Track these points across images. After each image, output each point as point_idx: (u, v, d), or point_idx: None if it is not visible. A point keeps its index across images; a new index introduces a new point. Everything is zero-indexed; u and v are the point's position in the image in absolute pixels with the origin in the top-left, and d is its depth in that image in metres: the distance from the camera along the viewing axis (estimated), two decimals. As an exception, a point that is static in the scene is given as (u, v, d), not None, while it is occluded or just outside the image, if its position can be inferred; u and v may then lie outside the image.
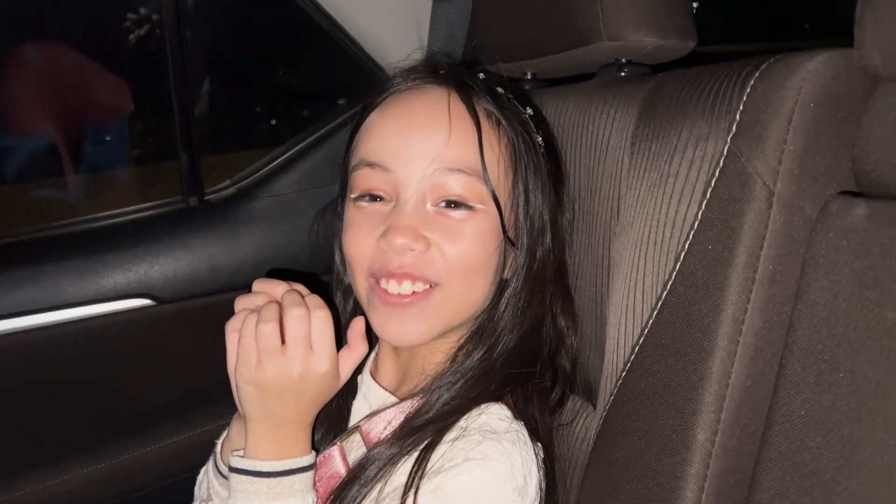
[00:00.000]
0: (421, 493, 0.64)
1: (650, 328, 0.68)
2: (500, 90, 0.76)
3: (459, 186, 0.70)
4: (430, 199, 0.70)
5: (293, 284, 0.72)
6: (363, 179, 0.73)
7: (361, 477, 0.68)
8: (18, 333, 1.12)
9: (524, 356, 0.75)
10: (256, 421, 0.69)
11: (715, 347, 0.61)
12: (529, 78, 1.01)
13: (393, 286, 0.70)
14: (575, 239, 0.83)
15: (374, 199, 0.72)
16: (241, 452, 0.71)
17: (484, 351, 0.73)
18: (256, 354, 0.67)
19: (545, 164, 0.77)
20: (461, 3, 1.22)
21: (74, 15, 1.64)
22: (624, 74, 0.87)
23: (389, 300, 0.71)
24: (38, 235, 1.25)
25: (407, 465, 0.67)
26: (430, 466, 0.65)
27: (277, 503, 0.67)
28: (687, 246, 0.65)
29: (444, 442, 0.67)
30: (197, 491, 0.85)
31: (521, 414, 0.71)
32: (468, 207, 0.71)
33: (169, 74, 1.27)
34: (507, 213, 0.72)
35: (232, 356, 0.70)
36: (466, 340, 0.75)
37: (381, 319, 0.72)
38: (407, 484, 0.65)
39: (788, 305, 0.59)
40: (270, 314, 0.67)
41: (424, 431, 0.68)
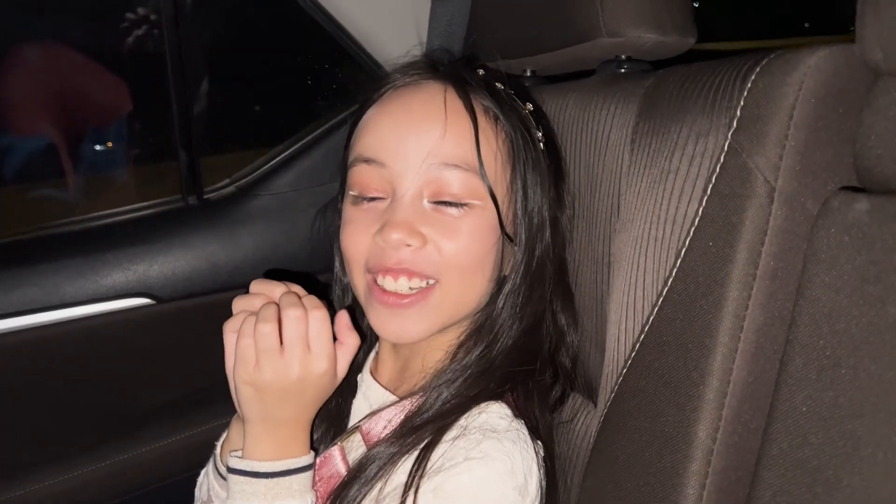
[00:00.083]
0: (421, 492, 0.64)
1: (651, 325, 0.68)
2: (499, 86, 0.76)
3: (456, 182, 0.70)
4: (426, 194, 0.70)
5: (290, 285, 0.72)
6: (360, 175, 0.73)
7: (361, 476, 0.68)
8: (18, 333, 1.11)
9: (524, 354, 0.75)
10: (255, 421, 0.69)
11: (716, 344, 0.60)
12: (529, 75, 1.01)
13: (389, 282, 0.70)
14: (575, 236, 0.83)
15: (371, 200, 0.72)
16: (239, 453, 0.70)
17: (483, 347, 0.73)
18: (255, 355, 0.67)
19: (544, 160, 0.76)
20: (460, 0, 1.22)
21: (74, 15, 1.64)
22: (624, 71, 0.86)
23: (388, 301, 0.71)
24: (37, 235, 1.25)
25: (407, 464, 0.67)
26: (430, 465, 0.65)
27: None
28: (688, 242, 0.65)
29: (444, 441, 0.66)
30: (197, 493, 0.85)
31: (521, 412, 0.71)
32: (464, 203, 0.70)
33: (168, 73, 1.26)
34: (505, 208, 0.72)
35: (230, 357, 0.70)
36: (466, 337, 0.75)
37: (379, 317, 0.72)
38: (407, 483, 0.64)
39: (790, 301, 0.58)
40: (269, 315, 0.67)
41: (424, 430, 0.68)
